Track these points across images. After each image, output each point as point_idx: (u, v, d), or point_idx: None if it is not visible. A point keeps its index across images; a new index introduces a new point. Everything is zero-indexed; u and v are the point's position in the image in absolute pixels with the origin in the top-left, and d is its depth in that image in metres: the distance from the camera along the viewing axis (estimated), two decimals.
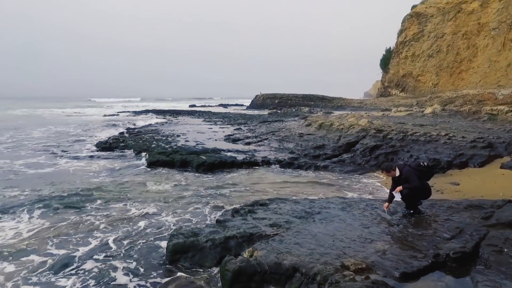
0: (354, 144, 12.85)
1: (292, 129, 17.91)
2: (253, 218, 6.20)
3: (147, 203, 7.95)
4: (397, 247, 4.71)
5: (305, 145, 14.03)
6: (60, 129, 25.36)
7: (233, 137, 18.72)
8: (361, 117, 21.83)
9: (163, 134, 21.02)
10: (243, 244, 5.18)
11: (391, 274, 4.07)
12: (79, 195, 8.50)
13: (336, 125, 14.96)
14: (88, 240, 5.93)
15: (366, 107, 48.07)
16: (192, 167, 11.84)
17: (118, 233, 6.24)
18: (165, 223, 6.78)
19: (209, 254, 5.02)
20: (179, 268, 4.87)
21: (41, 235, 6.13)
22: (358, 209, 6.56)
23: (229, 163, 12.14)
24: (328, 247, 4.79)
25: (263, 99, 64.77)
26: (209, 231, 5.54)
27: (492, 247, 4.44)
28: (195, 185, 9.66)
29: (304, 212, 6.41)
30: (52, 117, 40.48)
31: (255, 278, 4.29)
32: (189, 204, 7.91)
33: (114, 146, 16.13)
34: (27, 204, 7.71)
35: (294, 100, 61.78)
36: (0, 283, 4.63)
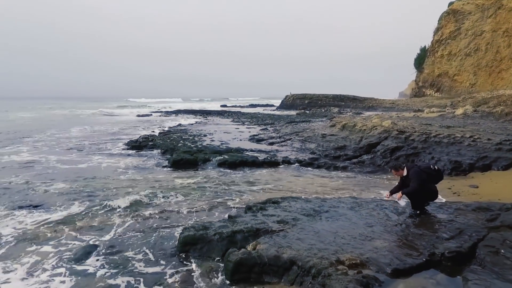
0: (376, 145, 12.79)
1: (316, 129, 17.99)
2: (263, 215, 6.50)
3: (167, 198, 8.48)
4: (395, 245, 4.85)
5: (326, 146, 14.12)
6: (96, 128, 26.93)
7: (257, 137, 19.10)
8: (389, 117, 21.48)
9: (191, 134, 21.78)
10: (249, 238, 5.49)
11: (383, 270, 4.24)
12: (107, 189, 9.22)
13: (359, 126, 14.92)
14: (111, 230, 6.50)
15: (398, 107, 46.83)
16: (214, 166, 12.33)
17: (138, 224, 6.78)
18: (182, 216, 7.25)
19: (216, 247, 5.38)
20: (188, 259, 5.28)
21: (70, 225, 6.77)
22: (367, 209, 6.68)
23: (250, 162, 12.51)
24: (328, 243, 5.01)
25: (293, 100, 64.70)
26: (218, 225, 5.92)
27: (489, 248, 4.48)
28: (214, 183, 10.10)
29: (312, 210, 6.62)
30: (89, 117, 42.85)
31: (255, 269, 4.60)
32: (206, 201, 8.35)
33: (143, 145, 17.00)
34: (59, 196, 8.50)
35: (324, 101, 61.20)
36: (33, 264, 5.25)
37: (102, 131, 24.57)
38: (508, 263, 4.16)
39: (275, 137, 18.43)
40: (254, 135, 20.29)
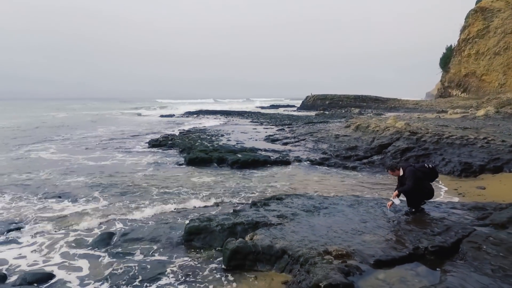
0: (387, 146, 12.88)
1: (331, 130, 18.16)
2: (265, 210, 6.90)
3: (180, 192, 9.04)
4: (383, 239, 5.12)
5: (338, 146, 14.32)
6: (121, 128, 28.12)
7: (272, 137, 19.47)
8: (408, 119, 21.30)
9: (209, 133, 22.42)
10: (249, 230, 5.90)
11: (366, 261, 4.54)
12: (125, 183, 9.91)
13: (372, 127, 15.00)
14: (125, 220, 7.10)
15: (421, 108, 45.87)
16: (227, 164, 12.81)
17: (150, 215, 7.35)
18: (191, 210, 7.77)
19: (218, 237, 5.83)
20: (191, 247, 5.76)
21: (92, 215, 7.42)
22: (365, 206, 6.93)
23: (262, 161, 12.91)
24: (319, 236, 5.35)
25: (314, 100, 64.55)
26: (221, 218, 6.37)
27: (472, 243, 4.67)
28: (226, 180, 10.59)
29: (312, 207, 6.95)
30: (116, 117, 44.55)
31: (250, 257, 5.00)
32: (216, 196, 8.83)
33: (163, 144, 17.77)
34: (82, 189, 9.23)
35: (346, 101, 60.72)
36: (58, 247, 5.88)
37: (127, 131, 25.67)
38: (488, 257, 4.36)
39: (289, 137, 18.74)
40: (270, 135, 20.67)
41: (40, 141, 19.30)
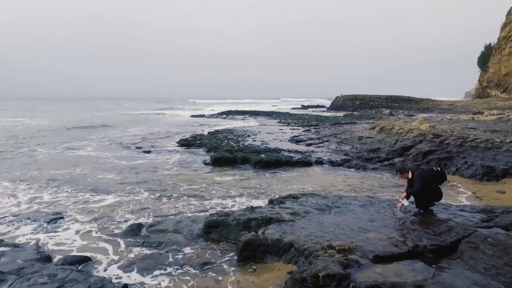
0: (409, 148, 12.89)
1: (355, 132, 18.23)
2: (280, 207, 7.35)
3: (203, 189, 9.67)
4: (386, 237, 5.42)
5: (360, 148, 14.45)
6: (154, 128, 29.48)
7: (297, 138, 19.81)
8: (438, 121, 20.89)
9: (236, 133, 23.10)
10: (262, 225, 6.39)
11: (366, 256, 4.88)
12: (154, 180, 10.71)
13: (396, 129, 14.99)
14: (153, 213, 7.81)
15: (456, 109, 44.25)
16: (251, 164, 13.35)
17: (175, 209, 8.03)
18: (212, 205, 8.37)
19: (233, 230, 6.36)
20: (209, 239, 6.32)
21: (122, 207, 8.22)
22: (377, 206, 7.20)
23: (284, 162, 13.33)
24: (326, 232, 5.73)
25: (343, 101, 63.87)
26: (238, 213, 6.90)
27: (470, 244, 4.88)
28: (247, 179, 11.13)
29: (325, 206, 7.32)
30: (149, 117, 46.48)
31: (260, 249, 5.49)
32: (236, 194, 9.40)
33: (191, 143, 18.63)
34: (115, 185, 10.11)
35: (377, 102, 59.62)
36: (92, 237, 6.66)
37: (158, 131, 26.94)
38: (483, 257, 4.58)
39: (314, 138, 19.00)
40: (295, 136, 21.01)
41: (80, 139, 20.81)
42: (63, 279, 4.13)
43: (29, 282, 4.06)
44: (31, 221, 7.36)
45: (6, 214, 7.79)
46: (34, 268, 4.73)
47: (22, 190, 9.78)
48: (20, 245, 6.13)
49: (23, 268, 4.74)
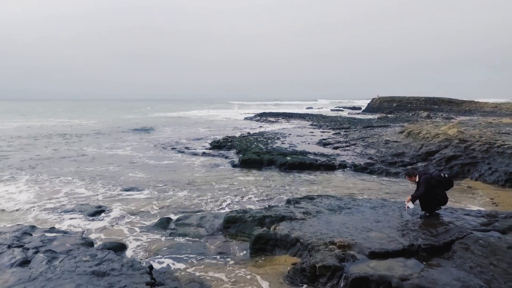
0: (434, 153, 12.91)
1: (383, 136, 18.28)
2: (294, 207, 7.95)
3: (228, 188, 10.48)
4: (385, 236, 5.86)
5: (385, 152, 14.61)
6: (188, 129, 30.96)
7: (325, 141, 20.15)
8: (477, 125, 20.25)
9: (267, 136, 23.81)
10: (275, 222, 7.02)
11: (363, 252, 5.38)
12: (184, 180, 11.66)
13: (423, 133, 14.97)
14: (179, 209, 8.71)
15: (500, 112, 42.02)
16: (276, 166, 13.99)
17: (199, 206, 8.88)
18: (234, 203, 9.13)
19: (249, 226, 7.05)
20: (228, 233, 7.07)
21: (154, 204, 9.20)
22: (387, 209, 7.58)
23: (308, 164, 13.83)
24: (331, 230, 6.27)
25: (380, 102, 62.58)
26: (255, 211, 7.60)
27: (462, 244, 5.22)
28: (271, 180, 11.79)
29: (337, 207, 7.82)
30: (186, 118, 48.44)
31: (270, 243, 6.15)
32: (258, 194, 10.10)
33: (223, 145, 19.60)
34: (150, 183, 11.18)
35: (415, 104, 57.85)
36: (127, 227, 7.66)
37: (192, 132, 28.33)
38: (471, 257, 4.92)
39: (341, 141, 19.25)
40: (324, 139, 21.34)
41: (119, 140, 22.53)
42: (102, 258, 5.04)
43: (75, 259, 5.01)
44: (77, 212, 8.52)
45: (58, 206, 9.04)
46: (79, 251, 5.70)
47: (71, 184, 11.13)
48: (69, 232, 7.23)
49: (71, 250, 5.73)
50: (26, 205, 9.10)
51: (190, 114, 60.43)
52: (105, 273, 4.58)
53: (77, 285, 4.19)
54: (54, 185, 11.20)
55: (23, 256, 5.07)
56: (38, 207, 8.97)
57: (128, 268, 4.77)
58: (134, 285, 4.29)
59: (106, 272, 4.61)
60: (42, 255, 5.18)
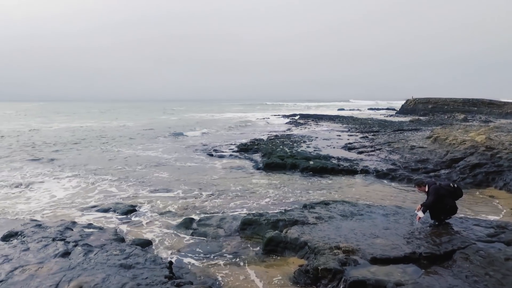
0: (458, 160, 12.75)
1: (410, 141, 18.10)
2: (308, 211, 8.37)
3: (249, 191, 11.04)
4: (390, 243, 6.16)
5: (409, 158, 14.56)
6: (218, 131, 31.91)
7: (350, 145, 20.21)
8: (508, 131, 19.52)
9: (293, 139, 24.16)
10: (288, 225, 7.49)
11: (365, 257, 5.73)
12: (209, 182, 12.36)
13: (449, 139, 14.75)
14: (203, 210, 9.38)
15: None
16: (298, 170, 14.38)
17: (220, 208, 9.51)
18: (254, 205, 9.68)
19: (264, 228, 7.56)
20: (244, 234, 7.62)
21: (180, 204, 9.94)
22: (398, 216, 7.82)
23: (330, 169, 14.10)
24: (339, 235, 6.64)
25: (415, 104, 60.75)
26: (270, 215, 8.11)
27: (463, 254, 5.43)
28: (292, 184, 12.22)
29: (350, 213, 8.14)
30: (217, 119, 49.67)
31: (280, 245, 6.64)
32: (277, 197, 10.58)
33: (249, 148, 20.22)
34: (175, 184, 11.98)
35: (452, 105, 55.66)
36: (154, 225, 8.42)
37: (221, 134, 29.22)
38: (469, 267, 5.14)
39: (367, 146, 19.24)
40: (349, 143, 21.38)
41: (151, 141, 23.80)
42: (129, 253, 5.76)
43: (107, 253, 5.77)
44: (113, 211, 9.42)
45: (95, 204, 10.02)
46: (112, 245, 6.48)
47: (106, 183, 12.18)
48: (104, 228, 8.09)
49: (105, 245, 6.52)
50: (68, 201, 10.18)
51: (221, 116, 61.84)
52: (131, 266, 5.28)
53: (107, 275, 4.91)
54: (92, 182, 12.32)
55: (65, 249, 5.90)
56: (78, 203, 10.01)
57: (150, 263, 5.44)
58: (155, 277, 4.94)
59: (132, 265, 5.31)
60: (80, 248, 5.98)
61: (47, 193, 11.18)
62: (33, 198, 10.65)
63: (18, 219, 8.62)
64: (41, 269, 5.12)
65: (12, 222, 8.07)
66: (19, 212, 9.35)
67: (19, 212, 9.40)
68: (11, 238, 6.88)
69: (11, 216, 9.04)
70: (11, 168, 15.01)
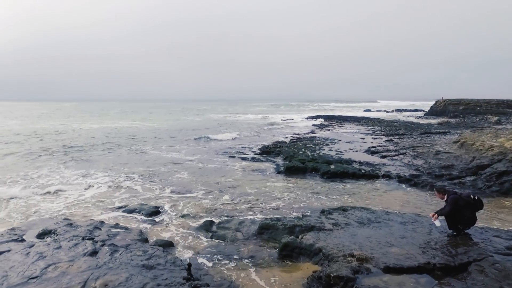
0: (485, 167, 12.38)
1: (436, 145, 17.68)
2: (326, 217, 8.47)
3: (269, 195, 11.26)
4: (405, 252, 6.19)
5: (433, 164, 14.26)
6: (240, 132, 32.32)
7: (374, 149, 19.96)
8: None
9: (315, 142, 24.13)
10: (304, 231, 7.65)
11: (378, 266, 5.80)
12: (230, 185, 12.68)
13: (476, 145, 14.33)
14: (224, 213, 9.69)
15: None
16: (319, 174, 14.43)
17: (237, 210, 9.77)
18: (273, 210, 9.89)
19: (280, 233, 7.75)
20: (261, 238, 7.84)
21: (201, 207, 10.29)
22: (417, 225, 7.77)
23: (351, 174, 14.06)
24: (354, 243, 6.73)
25: (444, 105, 58.81)
26: (288, 220, 8.28)
27: (478, 267, 5.40)
28: (311, 188, 12.32)
29: (367, 220, 8.18)
30: (241, 120, 50.15)
31: (295, 250, 6.80)
32: (296, 201, 10.72)
33: (271, 150, 20.41)
34: (197, 185, 12.37)
35: (485, 107, 53.46)
36: (173, 228, 8.80)
37: (244, 136, 29.59)
38: (484, 279, 5.11)
39: (391, 150, 18.96)
40: (373, 146, 21.12)
41: (177, 142, 24.48)
42: (151, 254, 6.12)
43: (131, 253, 6.15)
44: (137, 212, 9.90)
45: (121, 205, 10.55)
46: (136, 246, 6.87)
47: (132, 182, 12.75)
48: (129, 228, 8.55)
49: (129, 245, 6.93)
50: (97, 200, 10.79)
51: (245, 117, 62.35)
52: (152, 266, 5.63)
53: (130, 274, 5.27)
54: (120, 181, 12.96)
55: (93, 248, 6.34)
56: (106, 203, 10.59)
57: (170, 264, 5.77)
58: (174, 278, 5.26)
59: (153, 266, 5.65)
60: (107, 248, 6.41)
61: (78, 192, 11.87)
62: (66, 197, 11.35)
63: (52, 217, 9.25)
64: (71, 266, 5.56)
65: (46, 220, 8.68)
66: (53, 210, 10.03)
67: (53, 210, 10.08)
68: (46, 236, 7.44)
69: (46, 214, 9.71)
70: (49, 168, 15.96)
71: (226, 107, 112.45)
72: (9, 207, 10.38)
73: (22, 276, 5.20)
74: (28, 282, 5.04)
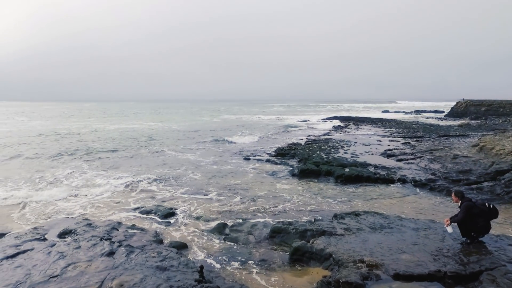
0: (504, 172, 12.09)
1: (454, 149, 17.34)
2: (338, 222, 8.50)
3: (282, 198, 11.35)
4: (416, 259, 6.17)
5: (450, 168, 14.01)
6: (258, 133, 32.46)
7: (390, 152, 19.73)
8: None
9: (331, 144, 24.02)
10: (315, 235, 7.71)
11: (388, 273, 5.82)
12: (243, 187, 12.84)
13: (496, 149, 14.00)
14: (236, 216, 9.85)
15: None
16: (333, 177, 14.41)
17: (249, 214, 9.90)
18: (286, 213, 9.98)
19: (292, 237, 7.84)
20: (273, 242, 7.95)
21: (215, 209, 10.48)
22: (430, 231, 7.72)
23: (365, 178, 13.98)
24: (365, 249, 6.75)
25: (466, 107, 57.36)
26: (299, 224, 8.36)
27: (490, 276, 5.35)
28: (325, 192, 12.33)
29: (379, 225, 8.17)
30: (258, 121, 50.31)
31: (306, 255, 6.88)
32: (309, 204, 10.77)
33: (286, 153, 20.46)
34: (211, 188, 12.57)
35: (509, 108, 51.83)
36: (187, 230, 9.01)
37: (261, 137, 29.72)
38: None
39: (407, 153, 18.69)
40: (389, 149, 20.87)
41: (193, 143, 24.85)
42: (165, 256, 6.33)
43: (146, 255, 6.38)
44: (153, 213, 10.18)
45: (139, 206, 10.87)
46: (151, 247, 7.11)
47: (147, 183, 13.08)
48: (145, 229, 8.82)
49: (145, 246, 7.17)
50: (115, 201, 11.14)
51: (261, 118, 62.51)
52: (165, 268, 5.83)
53: (145, 276, 5.48)
54: (137, 181, 13.35)
55: (110, 248, 6.60)
56: (124, 203, 10.93)
57: (183, 266, 5.96)
58: (186, 280, 5.44)
59: (166, 268, 5.85)
60: (123, 249, 6.66)
61: (98, 192, 12.28)
62: (84, 196, 11.76)
63: (72, 217, 9.63)
64: (90, 266, 5.82)
65: (66, 220, 9.06)
66: (72, 210, 10.42)
67: (73, 209, 10.48)
68: (66, 236, 7.79)
69: (65, 213, 10.12)
70: (70, 168, 16.53)
71: (242, 108, 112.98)
72: (31, 205, 10.85)
73: (44, 274, 5.49)
74: (49, 280, 5.32)
